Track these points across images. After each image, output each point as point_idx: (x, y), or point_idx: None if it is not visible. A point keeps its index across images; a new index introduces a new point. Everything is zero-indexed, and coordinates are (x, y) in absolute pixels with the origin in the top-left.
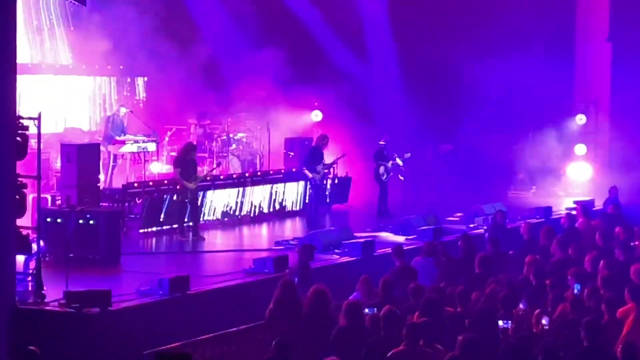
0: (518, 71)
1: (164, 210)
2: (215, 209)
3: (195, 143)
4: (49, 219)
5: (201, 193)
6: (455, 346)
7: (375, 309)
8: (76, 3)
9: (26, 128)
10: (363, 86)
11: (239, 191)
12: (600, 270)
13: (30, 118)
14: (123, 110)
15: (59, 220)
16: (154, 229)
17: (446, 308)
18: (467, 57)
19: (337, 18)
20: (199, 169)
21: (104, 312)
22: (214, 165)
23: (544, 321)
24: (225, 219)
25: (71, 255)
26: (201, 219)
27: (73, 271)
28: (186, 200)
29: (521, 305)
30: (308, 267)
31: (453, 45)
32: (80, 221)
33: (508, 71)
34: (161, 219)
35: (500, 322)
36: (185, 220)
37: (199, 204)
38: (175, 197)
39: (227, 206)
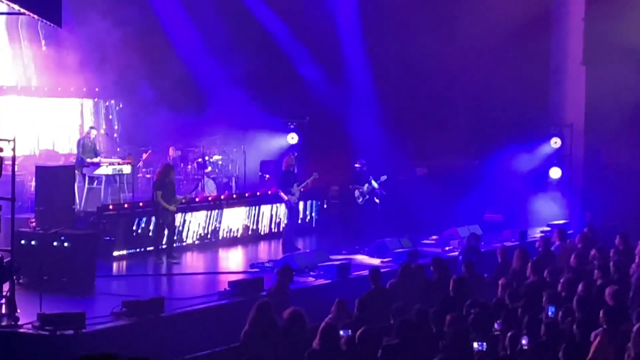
0: (492, 93)
1: (139, 232)
2: (190, 231)
3: (171, 164)
4: (23, 241)
5: (179, 215)
6: None
7: (350, 330)
8: (51, 24)
9: (0, 150)
10: (338, 109)
11: (214, 214)
12: (577, 293)
13: (5, 140)
14: (94, 132)
15: (33, 242)
16: (129, 251)
17: (421, 330)
18: (441, 80)
19: (313, 41)
20: None
21: (78, 334)
22: (193, 188)
23: (523, 341)
24: (200, 242)
25: (45, 277)
26: (176, 242)
27: (47, 293)
28: (166, 222)
29: (496, 326)
30: (286, 289)
31: (427, 68)
32: (55, 243)
33: (482, 93)
34: (137, 242)
35: (475, 344)
36: (163, 242)
37: (176, 226)
38: (153, 220)
39: (202, 229)
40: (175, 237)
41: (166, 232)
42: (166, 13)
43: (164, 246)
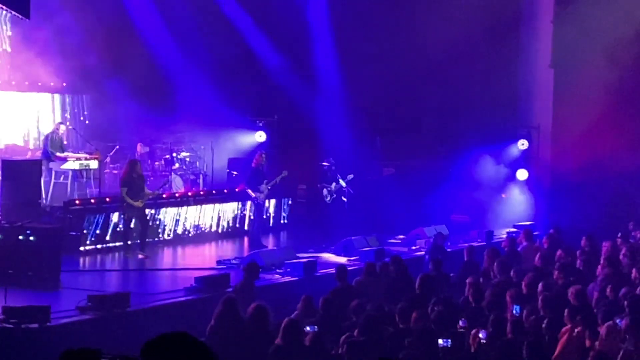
0: (461, 95)
1: (106, 228)
2: (158, 227)
3: (137, 160)
4: None
5: (150, 211)
6: None
7: (316, 326)
8: (19, 16)
9: None
10: (307, 108)
11: (181, 210)
12: (539, 292)
13: None
14: (62, 127)
15: None
16: (96, 246)
17: (386, 327)
18: (409, 80)
19: (282, 39)
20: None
21: (42, 327)
22: (162, 184)
23: (481, 335)
24: (168, 238)
25: (10, 271)
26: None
27: (12, 287)
28: (132, 218)
29: (461, 323)
30: (252, 286)
31: (396, 68)
32: (20, 237)
33: (451, 95)
34: (104, 237)
35: (440, 341)
36: (129, 238)
37: (147, 221)
38: (122, 215)
39: (169, 225)
40: (147, 232)
41: (138, 227)
42: (136, 9)
43: (131, 242)
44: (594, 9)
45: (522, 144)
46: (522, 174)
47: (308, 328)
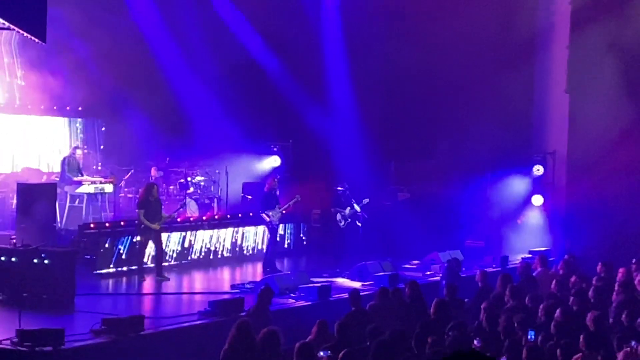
0: (475, 119)
1: (120, 251)
2: (172, 251)
3: (154, 183)
4: (3, 258)
5: (167, 234)
6: None
7: (330, 351)
8: (36, 40)
9: None
10: (321, 132)
11: (196, 234)
12: (555, 318)
13: None
14: (79, 152)
15: (13, 259)
16: (111, 270)
17: (396, 351)
18: (423, 105)
19: (297, 65)
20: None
21: (57, 350)
22: (178, 207)
23: None
24: (182, 262)
25: (25, 294)
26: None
27: (26, 310)
28: (149, 241)
29: (475, 342)
30: (266, 310)
31: (411, 93)
32: (35, 260)
33: (465, 120)
34: (118, 260)
35: None
36: (145, 261)
37: (163, 245)
38: (137, 238)
39: (184, 249)
40: (163, 256)
41: (154, 250)
42: (152, 35)
43: (147, 265)
44: (609, 34)
45: (538, 170)
46: (537, 200)
47: (322, 353)
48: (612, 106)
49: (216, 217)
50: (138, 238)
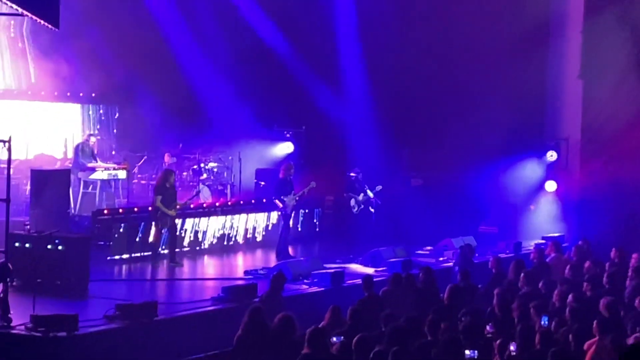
0: (489, 106)
1: (134, 237)
2: (185, 237)
3: (171, 170)
4: (17, 244)
5: (180, 221)
6: None
7: (343, 337)
8: (49, 26)
9: None
10: (335, 119)
11: (208, 220)
12: (568, 303)
13: (0, 141)
14: (92, 139)
15: (27, 245)
16: (124, 256)
17: (411, 336)
18: (437, 91)
19: (311, 51)
20: None
21: (70, 336)
22: (193, 194)
23: (511, 347)
24: (195, 248)
25: (39, 280)
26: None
27: (40, 296)
28: (165, 227)
29: (488, 328)
30: (279, 296)
31: (424, 79)
32: (49, 246)
33: (478, 106)
34: (131, 247)
35: (467, 352)
36: (162, 247)
37: (177, 231)
38: (153, 225)
39: (196, 235)
40: (177, 242)
41: (168, 236)
42: (166, 21)
43: (162, 251)
44: (622, 19)
45: (551, 155)
46: (550, 186)
47: (334, 339)
48: (626, 92)
49: (229, 203)
50: (153, 224)
